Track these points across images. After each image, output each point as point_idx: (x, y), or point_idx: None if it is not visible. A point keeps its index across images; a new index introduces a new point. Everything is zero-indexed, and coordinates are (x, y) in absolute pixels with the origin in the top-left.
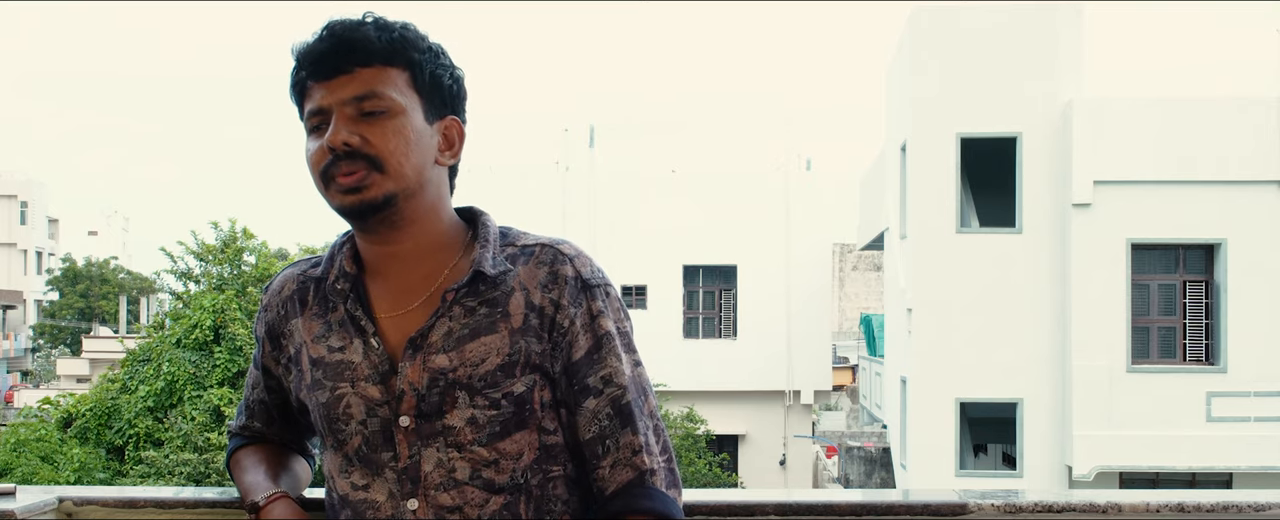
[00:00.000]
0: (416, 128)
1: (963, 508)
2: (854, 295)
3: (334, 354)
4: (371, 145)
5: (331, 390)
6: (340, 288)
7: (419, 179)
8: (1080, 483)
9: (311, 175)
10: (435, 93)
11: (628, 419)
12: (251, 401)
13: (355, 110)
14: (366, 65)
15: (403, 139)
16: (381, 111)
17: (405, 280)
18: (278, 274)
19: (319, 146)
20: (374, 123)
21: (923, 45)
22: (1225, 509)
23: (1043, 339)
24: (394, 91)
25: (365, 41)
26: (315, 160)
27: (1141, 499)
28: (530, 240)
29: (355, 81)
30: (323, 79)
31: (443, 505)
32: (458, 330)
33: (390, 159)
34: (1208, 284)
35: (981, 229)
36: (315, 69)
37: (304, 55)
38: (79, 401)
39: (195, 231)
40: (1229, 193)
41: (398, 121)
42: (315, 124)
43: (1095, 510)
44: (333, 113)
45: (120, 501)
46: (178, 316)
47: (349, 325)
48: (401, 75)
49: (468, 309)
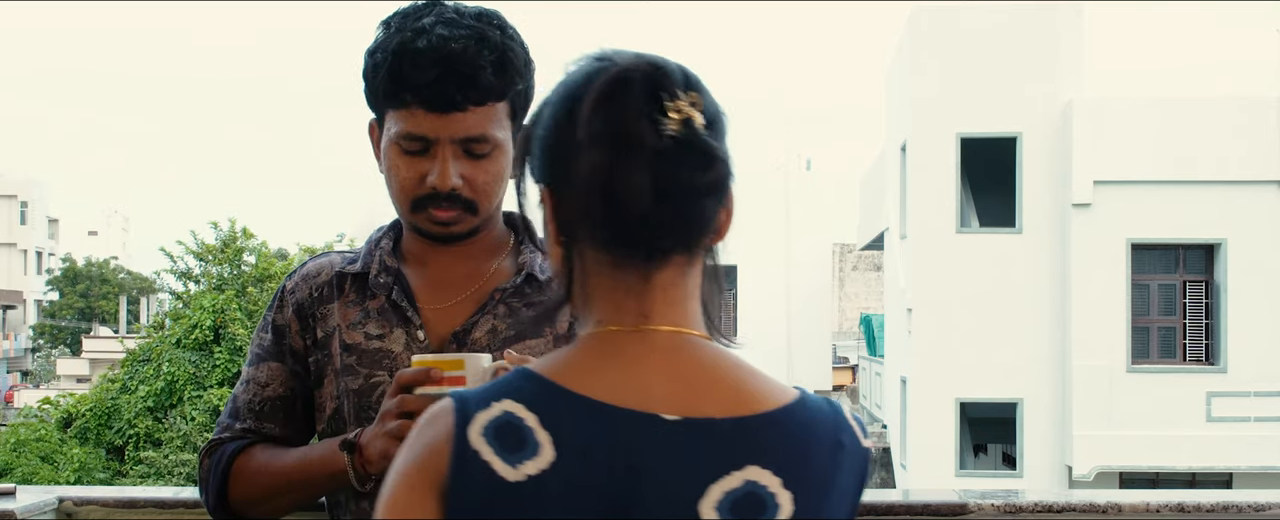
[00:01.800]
0: (507, 159)
1: (963, 508)
2: (854, 295)
3: (371, 341)
4: (473, 188)
5: (366, 378)
6: (383, 280)
7: (499, 206)
8: (1080, 483)
9: (390, 184)
10: (525, 110)
11: None
12: (259, 401)
13: (462, 149)
14: (480, 104)
15: (499, 179)
16: (486, 154)
17: (448, 274)
18: (306, 260)
19: (417, 175)
20: (478, 164)
21: (923, 45)
22: (1225, 509)
23: (1043, 339)
24: (499, 130)
25: (481, 77)
26: (410, 184)
27: (1141, 499)
28: None
29: (467, 120)
30: (432, 111)
31: None
32: (503, 330)
33: (485, 202)
34: (1208, 284)
35: (981, 229)
36: (426, 98)
37: (408, 83)
38: (79, 401)
39: (195, 231)
40: (1229, 193)
41: (498, 164)
42: (413, 147)
43: (1095, 510)
44: (438, 147)
45: (120, 501)
46: (178, 316)
47: (391, 314)
48: (505, 108)
49: (512, 309)
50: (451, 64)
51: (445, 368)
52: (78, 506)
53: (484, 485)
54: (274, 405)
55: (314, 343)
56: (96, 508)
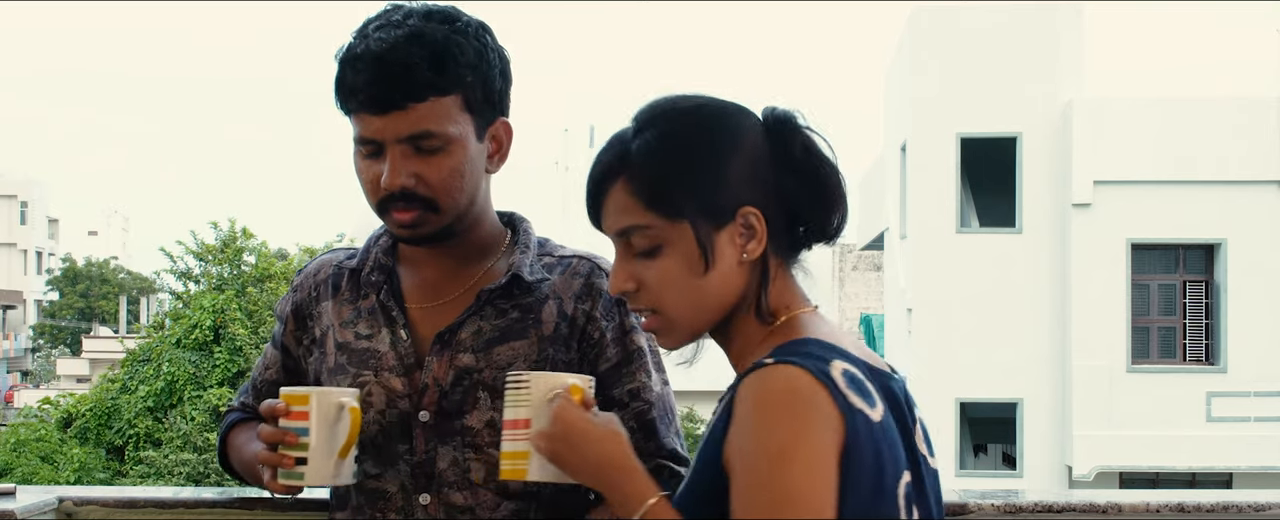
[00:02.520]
0: (470, 155)
1: (963, 508)
2: (854, 295)
3: (360, 341)
4: (427, 185)
5: (354, 377)
6: (375, 279)
7: (471, 200)
8: (1080, 483)
9: (362, 187)
10: (486, 104)
11: (651, 433)
12: (259, 382)
13: (410, 147)
14: (420, 100)
15: (457, 174)
16: (438, 149)
17: (440, 275)
18: (314, 258)
19: (375, 177)
20: (430, 160)
21: (923, 45)
22: (1225, 509)
23: (1043, 339)
24: (449, 124)
25: (416, 75)
26: (369, 187)
27: (1141, 499)
28: (567, 252)
29: (408, 119)
30: (374, 112)
31: (455, 504)
32: (488, 331)
33: (445, 198)
34: (1208, 284)
35: (981, 229)
36: (364, 101)
37: (350, 87)
38: (79, 401)
39: (195, 231)
40: (1229, 193)
41: (454, 159)
42: (367, 150)
43: (1095, 510)
44: (386, 147)
45: (120, 501)
46: (178, 316)
47: (379, 314)
48: (455, 102)
49: (500, 310)
50: (384, 65)
51: (293, 403)
52: (78, 506)
53: (866, 428)
54: (271, 388)
55: (312, 341)
56: (96, 508)
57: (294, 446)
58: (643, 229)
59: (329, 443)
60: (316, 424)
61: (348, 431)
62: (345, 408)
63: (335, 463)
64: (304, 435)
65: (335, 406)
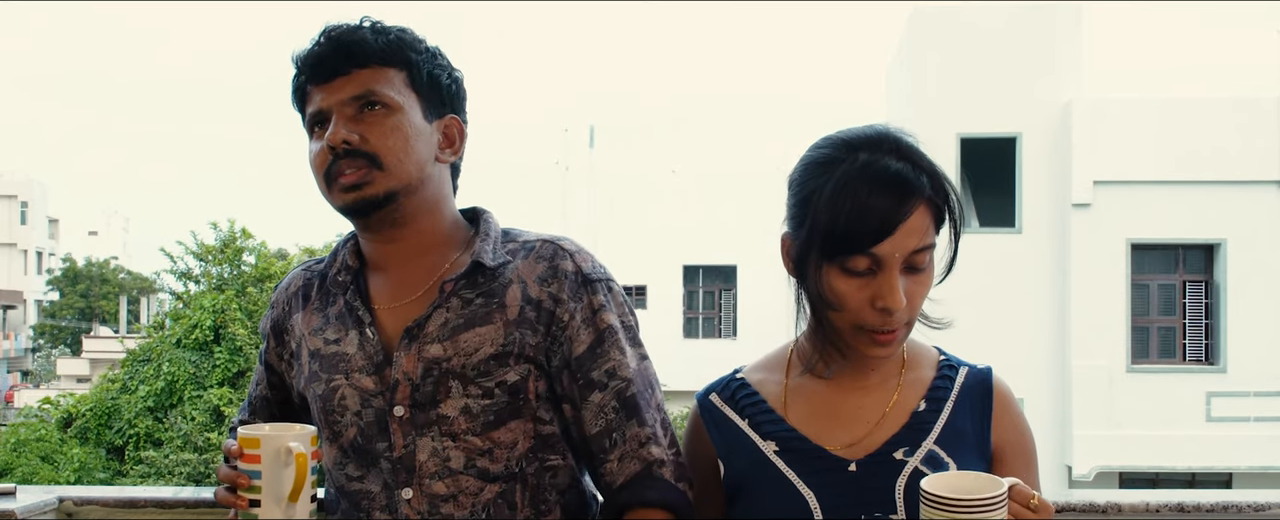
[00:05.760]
0: (415, 125)
1: None
2: None
3: (330, 346)
4: (370, 143)
5: (327, 382)
6: (341, 280)
7: (419, 175)
8: (1080, 483)
9: (315, 178)
10: (433, 92)
11: (634, 411)
12: (253, 398)
13: (354, 110)
14: (364, 66)
15: (401, 136)
16: (379, 108)
17: (406, 274)
18: (288, 272)
19: (321, 148)
20: (372, 121)
21: (923, 45)
22: (1225, 509)
23: (1043, 339)
24: (391, 90)
25: (361, 43)
26: (318, 162)
27: (1141, 499)
28: (531, 237)
29: (353, 82)
30: (321, 82)
31: (437, 494)
32: (453, 320)
33: (389, 155)
34: (1207, 284)
35: (981, 229)
36: (314, 72)
37: (303, 60)
38: (79, 401)
39: (195, 232)
40: (1229, 193)
41: (396, 119)
42: (318, 132)
43: (1095, 510)
44: (332, 114)
45: (120, 501)
46: (178, 316)
47: (346, 317)
48: (399, 75)
49: (465, 300)
50: (333, 39)
51: (247, 445)
52: (78, 506)
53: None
54: (261, 403)
55: (290, 355)
56: (96, 508)
57: (249, 489)
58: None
59: (276, 488)
60: (267, 468)
61: (293, 477)
62: (292, 453)
63: (285, 506)
64: (257, 479)
65: (283, 451)
